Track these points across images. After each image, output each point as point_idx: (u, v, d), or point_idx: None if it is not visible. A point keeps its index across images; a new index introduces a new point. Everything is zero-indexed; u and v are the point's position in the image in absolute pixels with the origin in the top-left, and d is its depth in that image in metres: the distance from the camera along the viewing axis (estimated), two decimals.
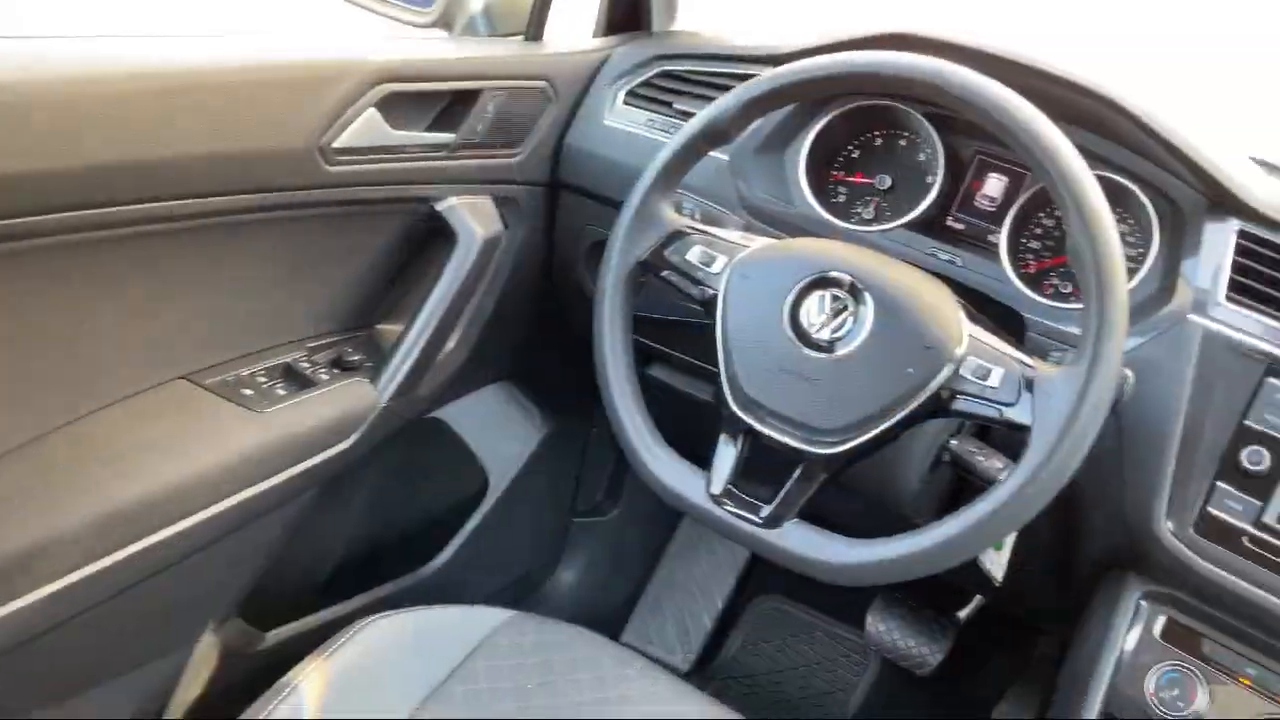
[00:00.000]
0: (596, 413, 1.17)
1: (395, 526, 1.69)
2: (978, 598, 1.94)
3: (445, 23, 1.42)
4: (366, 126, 1.23)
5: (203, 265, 1.19)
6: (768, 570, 2.12)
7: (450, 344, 1.47)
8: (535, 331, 1.70)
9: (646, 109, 1.48)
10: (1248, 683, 1.11)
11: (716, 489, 1.05)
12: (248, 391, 1.27)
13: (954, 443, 1.16)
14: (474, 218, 1.41)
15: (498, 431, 1.78)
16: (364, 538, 1.63)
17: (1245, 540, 1.08)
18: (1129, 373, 1.10)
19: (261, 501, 1.25)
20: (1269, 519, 1.07)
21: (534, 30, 1.47)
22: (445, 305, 1.41)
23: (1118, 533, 1.15)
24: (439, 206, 1.39)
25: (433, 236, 1.43)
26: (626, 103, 1.50)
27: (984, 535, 0.95)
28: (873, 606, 1.91)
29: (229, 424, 1.22)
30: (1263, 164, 1.28)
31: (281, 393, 1.30)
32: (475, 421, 1.73)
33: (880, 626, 1.88)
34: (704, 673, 2.04)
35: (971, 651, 1.93)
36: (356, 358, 1.39)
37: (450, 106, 1.35)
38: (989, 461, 1.13)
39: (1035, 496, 0.94)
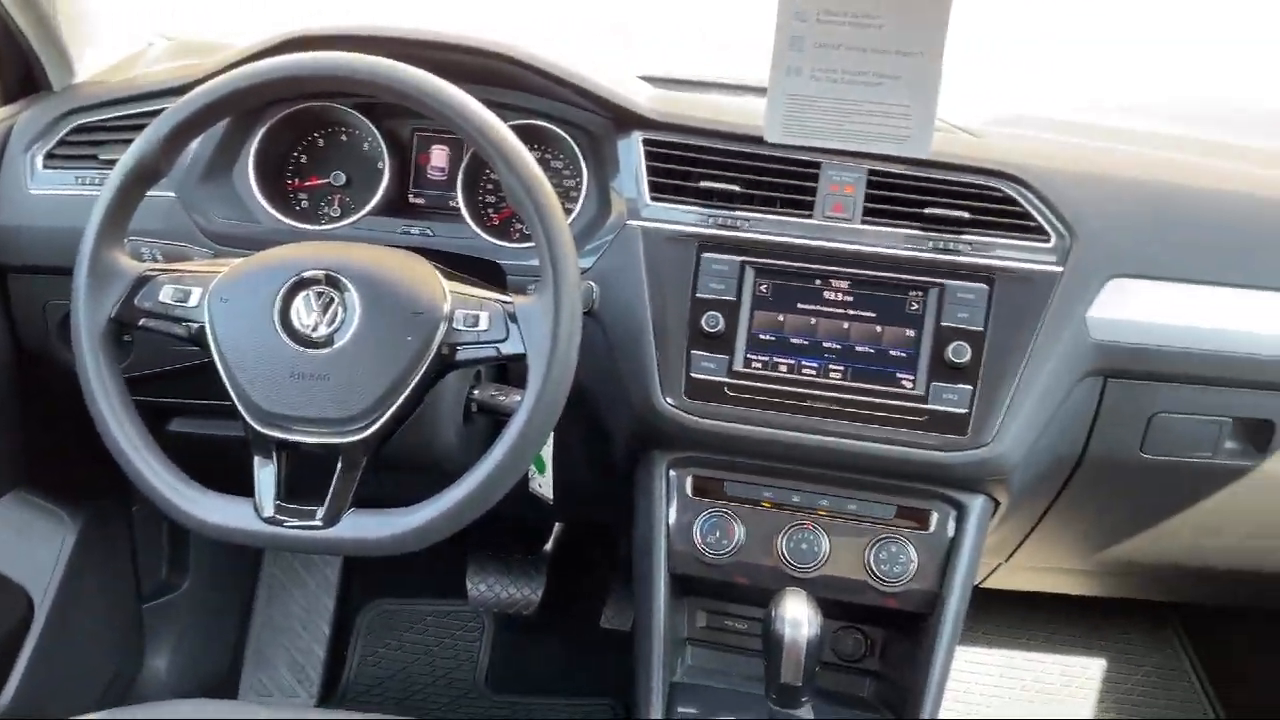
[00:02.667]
0: (131, 489, 1.12)
1: None
2: (556, 527, 2.09)
3: None
4: None
5: None
6: (362, 579, 2.14)
7: None
8: (37, 429, 1.57)
9: (72, 167, 1.41)
10: (769, 505, 1.32)
11: (268, 510, 1.06)
12: None
13: (476, 392, 1.25)
14: None
15: (24, 545, 1.63)
16: None
17: (726, 390, 1.27)
18: (593, 284, 1.25)
19: None
20: (738, 366, 1.27)
21: None
22: None
23: (632, 419, 1.31)
24: None
25: None
26: (47, 167, 1.42)
27: (518, 458, 1.05)
28: (468, 573, 1.99)
29: None
30: (648, 79, 1.48)
31: None
32: None
33: (480, 588, 1.98)
34: (332, 699, 2.02)
35: (570, 575, 2.08)
36: None
37: None
38: (510, 398, 1.24)
39: (549, 408, 1.05)
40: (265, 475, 1.07)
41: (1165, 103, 1.74)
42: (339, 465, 1.06)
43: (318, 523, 1.05)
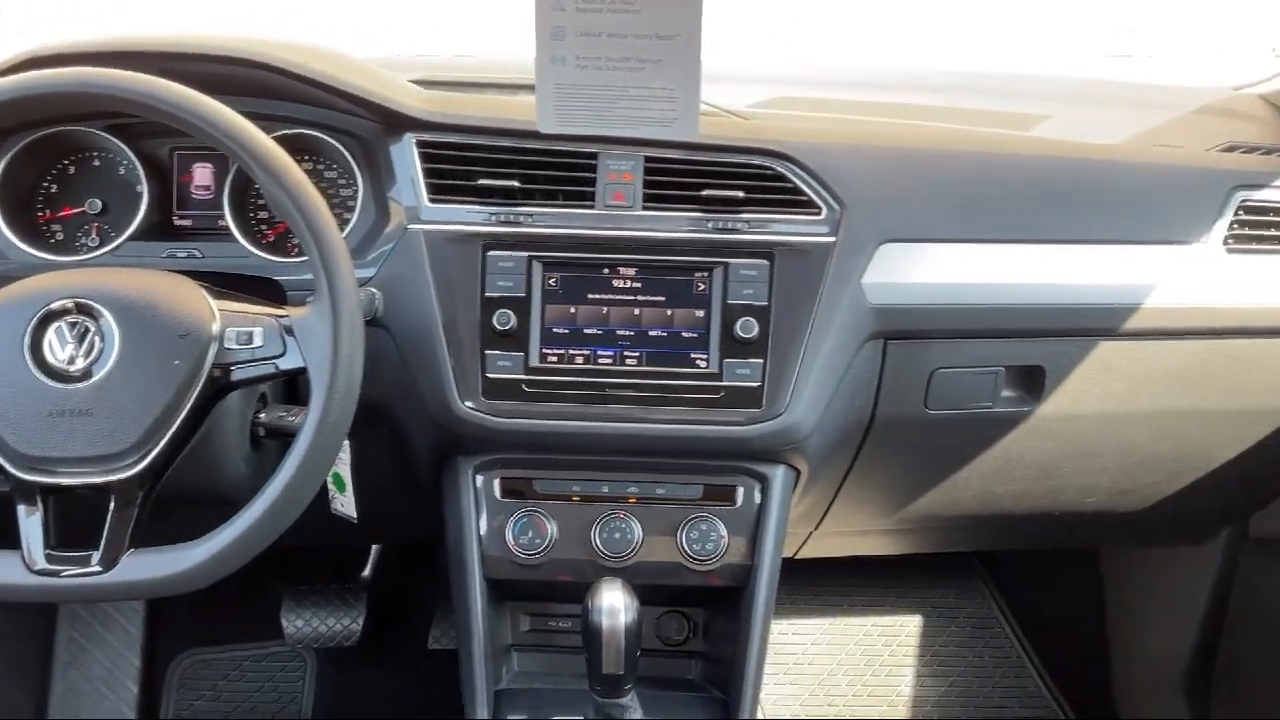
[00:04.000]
0: None
1: None
2: (373, 550, 2.03)
3: None
4: None
5: None
6: (169, 630, 2.02)
7: None
8: None
9: None
10: (579, 498, 1.32)
11: (38, 562, 0.99)
12: None
13: (262, 415, 1.20)
14: None
15: None
16: None
17: (524, 387, 1.26)
18: (375, 291, 1.22)
19: None
20: (534, 362, 1.26)
21: None
22: None
23: (432, 426, 1.28)
24: None
25: None
26: None
27: (308, 476, 1.01)
28: (283, 609, 1.91)
29: None
30: (421, 82, 1.45)
31: None
32: None
33: (297, 624, 1.90)
34: None
35: (393, 599, 2.02)
36: None
37: None
38: (299, 418, 1.18)
39: (337, 421, 1.02)
40: (31, 524, 0.99)
41: (924, 76, 1.83)
42: (112, 505, 0.99)
43: (95, 568, 0.99)
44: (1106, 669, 2.06)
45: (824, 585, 2.14)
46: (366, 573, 1.99)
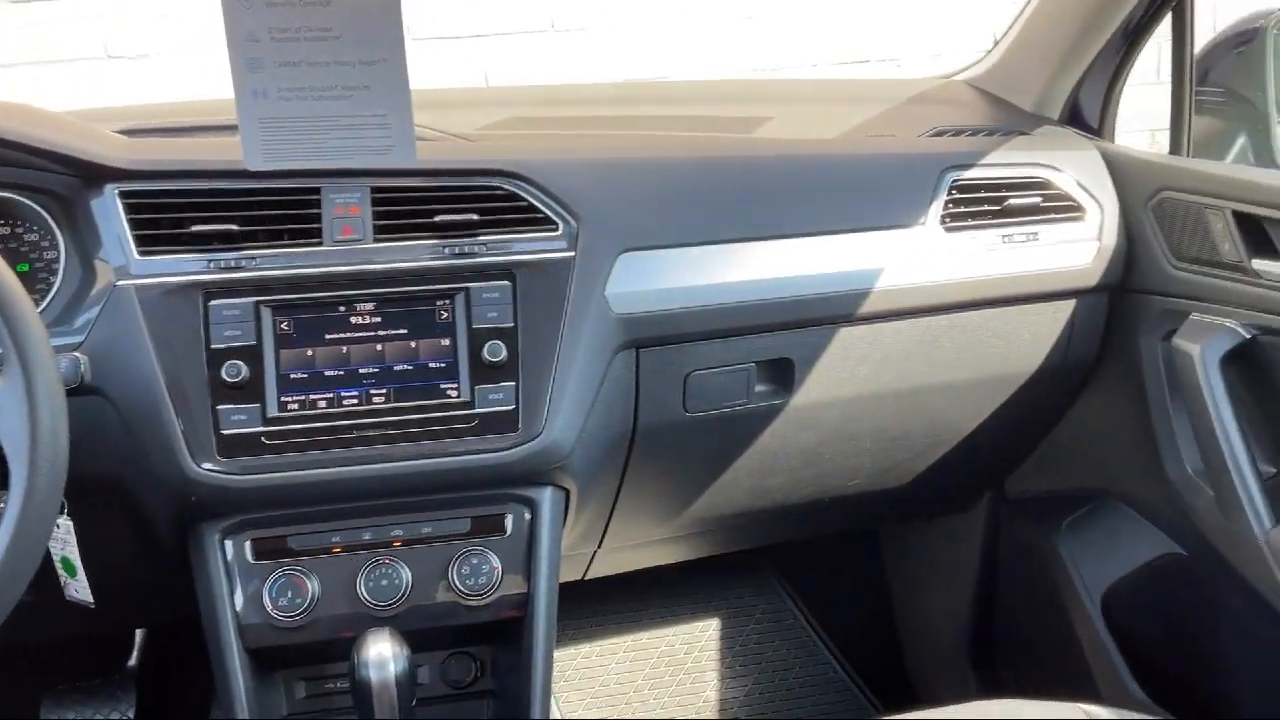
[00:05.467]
0: None
1: None
2: (139, 635, 1.89)
3: None
4: None
5: None
6: None
7: None
8: None
9: None
10: (340, 549, 1.25)
11: None
12: None
13: None
14: None
15: None
16: None
17: (264, 440, 1.19)
18: (79, 356, 1.13)
19: None
20: (272, 413, 1.19)
21: None
22: None
23: (167, 495, 1.19)
24: None
25: None
26: None
27: (14, 566, 0.92)
28: (42, 710, 1.75)
29: None
30: (127, 131, 1.36)
31: None
32: None
33: None
34: None
35: (167, 685, 1.88)
36: None
37: None
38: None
39: (44, 502, 0.93)
40: None
41: (652, 88, 1.87)
42: None
43: None
44: (898, 647, 2.14)
45: (620, 602, 2.13)
46: (133, 661, 1.85)
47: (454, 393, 1.24)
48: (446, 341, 1.24)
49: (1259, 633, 1.43)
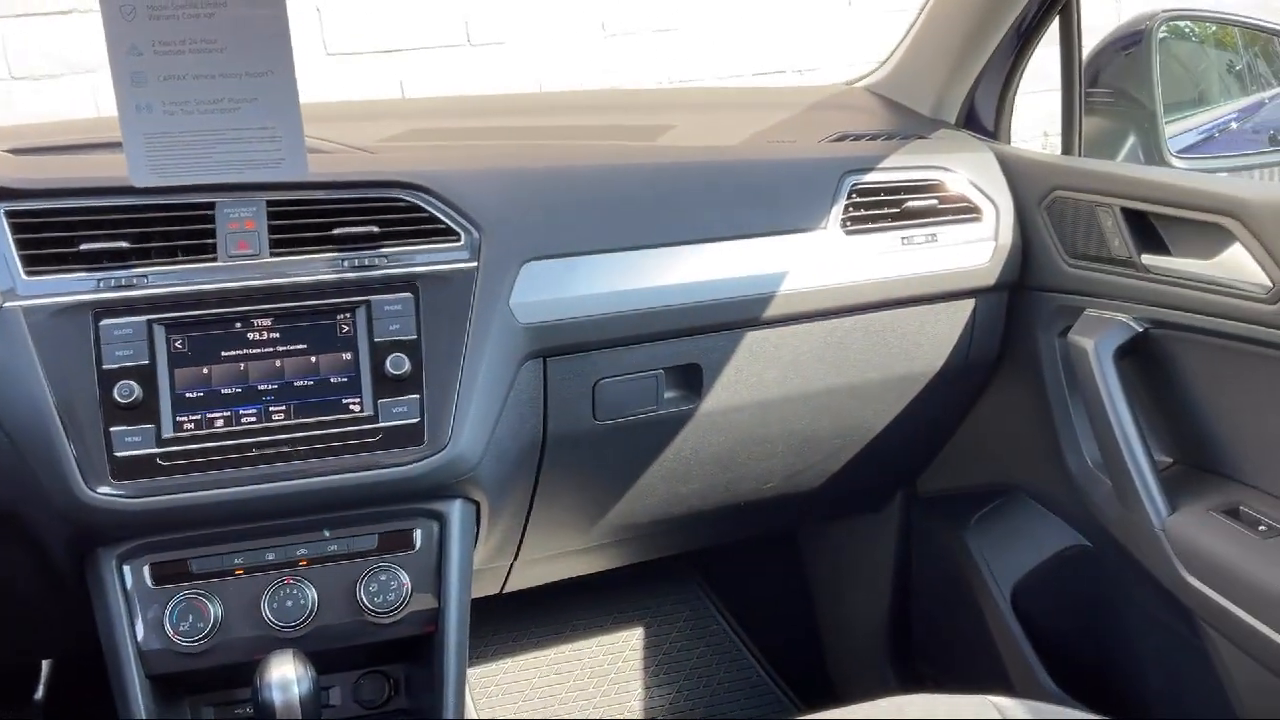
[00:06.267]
0: None
1: None
2: (44, 666, 1.83)
3: None
4: None
5: None
6: None
7: None
8: None
9: None
10: (242, 571, 1.23)
11: None
12: None
13: None
14: None
15: None
16: None
17: (159, 461, 1.16)
18: None
19: None
20: (166, 433, 1.16)
21: None
22: None
23: (60, 521, 1.15)
24: None
25: None
26: None
27: None
28: None
29: None
30: (16, 151, 1.32)
31: None
32: None
33: None
34: None
35: (77, 716, 1.83)
36: None
37: None
38: None
39: None
40: None
41: (554, 98, 1.86)
42: None
43: None
44: (819, 647, 2.16)
45: (542, 615, 2.12)
46: (39, 694, 1.79)
47: (357, 407, 1.22)
48: (348, 355, 1.22)
49: (1161, 621, 1.47)
